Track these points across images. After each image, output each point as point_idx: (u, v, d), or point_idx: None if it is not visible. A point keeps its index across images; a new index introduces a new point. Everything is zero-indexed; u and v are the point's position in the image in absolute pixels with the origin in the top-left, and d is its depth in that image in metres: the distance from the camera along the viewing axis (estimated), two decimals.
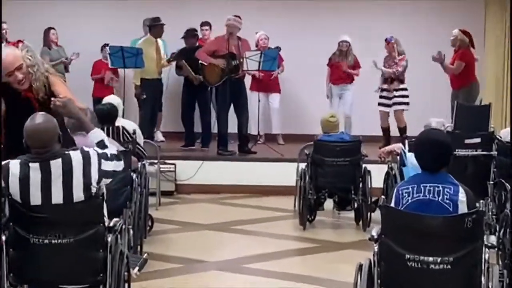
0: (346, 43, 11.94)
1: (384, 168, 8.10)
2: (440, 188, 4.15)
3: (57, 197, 4.34)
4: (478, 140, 7.46)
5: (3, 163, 4.38)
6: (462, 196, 4.13)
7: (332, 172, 8.35)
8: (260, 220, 9.08)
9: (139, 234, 6.88)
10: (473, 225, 4.05)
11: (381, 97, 11.67)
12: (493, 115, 10.63)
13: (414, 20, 12.98)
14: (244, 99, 11.04)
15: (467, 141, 7.43)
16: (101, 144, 4.60)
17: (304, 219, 8.42)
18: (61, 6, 12.87)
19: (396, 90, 11.53)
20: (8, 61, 4.80)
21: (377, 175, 8.34)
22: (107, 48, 11.45)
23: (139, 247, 6.90)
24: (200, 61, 10.87)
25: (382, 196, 4.43)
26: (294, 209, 9.19)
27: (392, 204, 4.22)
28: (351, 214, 8.71)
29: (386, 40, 11.56)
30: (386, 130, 11.78)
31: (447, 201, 4.13)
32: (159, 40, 11.46)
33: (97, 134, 4.66)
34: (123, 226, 6.21)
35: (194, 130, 11.76)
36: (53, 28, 12.07)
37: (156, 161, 9.51)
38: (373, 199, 8.23)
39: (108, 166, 4.49)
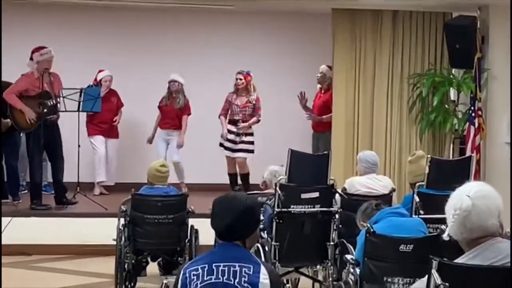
0: (176, 83, 11.27)
1: None
2: (237, 268, 3.51)
3: None
4: (316, 194, 6.87)
5: None
6: (264, 278, 3.50)
7: (153, 232, 7.62)
8: None
9: None
10: None
11: (227, 140, 11.00)
12: (342, 165, 10.29)
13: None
14: (59, 144, 10.23)
15: (303, 195, 6.82)
16: None
17: (120, 287, 7.61)
18: None
19: (245, 135, 10.94)
20: None
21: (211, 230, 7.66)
22: None
23: None
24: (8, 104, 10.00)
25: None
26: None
27: None
28: None
29: (241, 73, 10.89)
30: (233, 175, 11.17)
31: (246, 285, 3.49)
32: None
33: None
34: None
35: (5, 181, 10.72)
36: None
37: None
38: None
39: None
